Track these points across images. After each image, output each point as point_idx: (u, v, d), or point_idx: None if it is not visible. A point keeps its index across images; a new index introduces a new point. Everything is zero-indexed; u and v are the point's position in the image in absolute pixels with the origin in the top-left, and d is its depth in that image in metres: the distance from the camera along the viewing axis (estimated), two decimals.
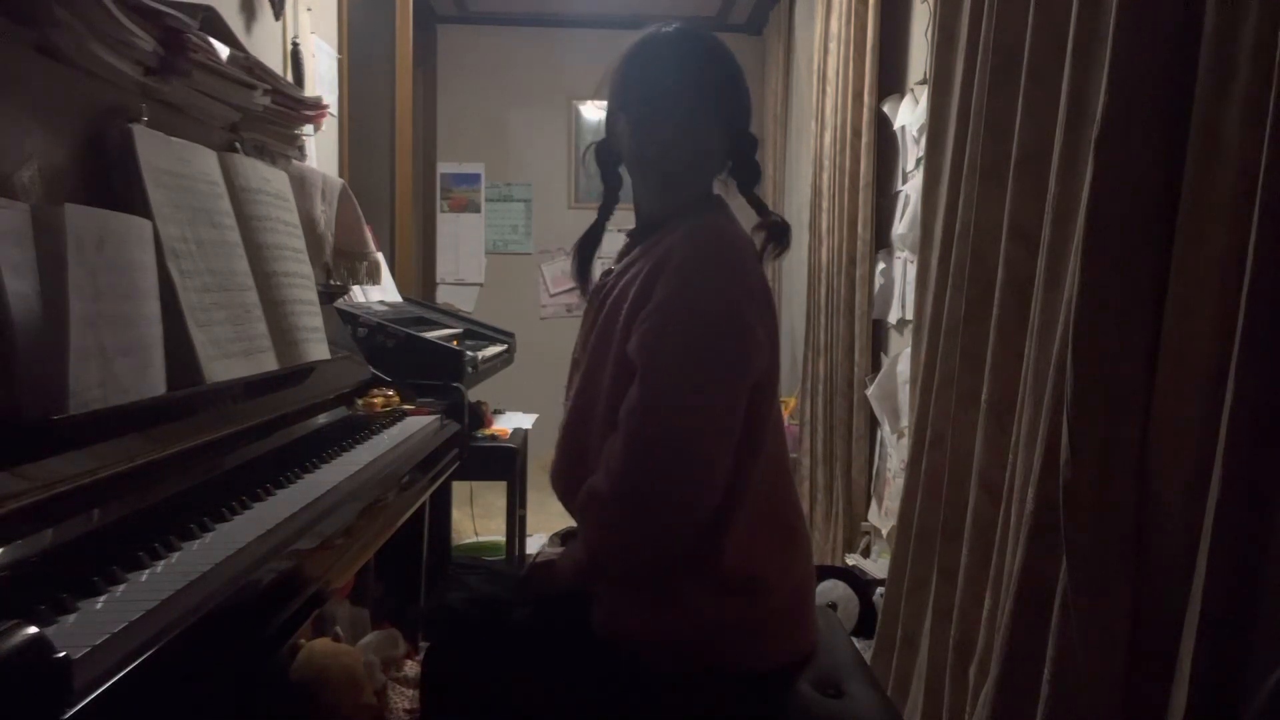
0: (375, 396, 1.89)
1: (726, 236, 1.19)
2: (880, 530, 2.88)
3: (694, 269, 1.13)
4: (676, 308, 1.12)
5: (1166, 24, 1.14)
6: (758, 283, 1.18)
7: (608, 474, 1.12)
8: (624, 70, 1.26)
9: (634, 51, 1.26)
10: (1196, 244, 1.09)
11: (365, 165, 3.29)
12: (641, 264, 1.19)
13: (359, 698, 1.81)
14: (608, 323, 1.20)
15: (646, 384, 1.11)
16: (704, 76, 1.22)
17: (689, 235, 1.16)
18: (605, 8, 4.84)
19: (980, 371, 1.66)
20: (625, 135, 1.25)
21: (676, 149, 1.21)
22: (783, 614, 1.19)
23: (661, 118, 1.20)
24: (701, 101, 1.20)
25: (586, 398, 1.22)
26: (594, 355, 1.22)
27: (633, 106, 1.24)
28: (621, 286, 1.21)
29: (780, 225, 1.28)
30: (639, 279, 1.17)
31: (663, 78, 1.22)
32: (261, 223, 1.55)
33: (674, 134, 1.20)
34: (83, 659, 0.70)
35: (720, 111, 1.22)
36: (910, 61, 2.84)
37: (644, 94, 1.22)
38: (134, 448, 1.07)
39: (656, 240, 1.21)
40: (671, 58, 1.23)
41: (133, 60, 1.33)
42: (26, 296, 0.95)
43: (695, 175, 1.25)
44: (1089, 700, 1.18)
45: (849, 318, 3.15)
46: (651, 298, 1.13)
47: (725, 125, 1.23)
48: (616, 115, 1.27)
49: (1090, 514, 1.18)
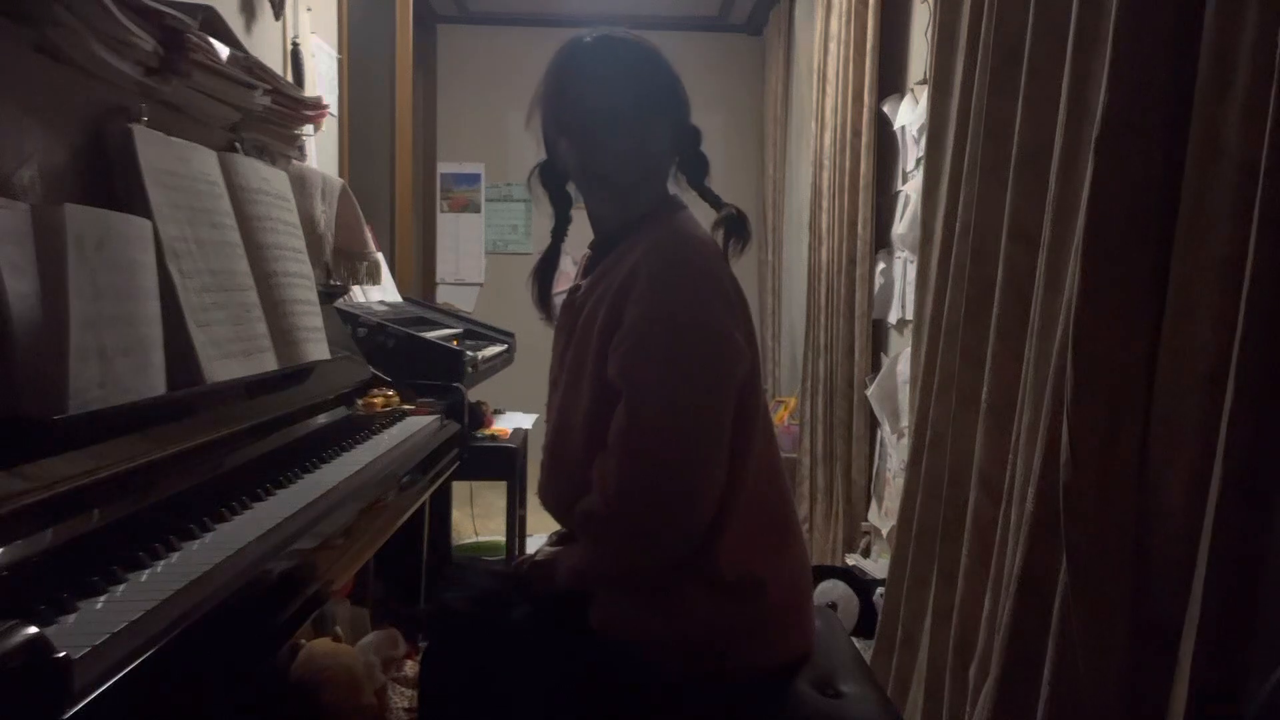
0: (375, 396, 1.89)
1: (691, 243, 1.18)
2: (880, 530, 2.88)
3: (663, 284, 1.12)
4: (651, 325, 1.11)
5: (1166, 24, 1.13)
6: (728, 284, 1.17)
7: (603, 496, 1.12)
8: (555, 89, 1.23)
9: (563, 69, 1.23)
10: (1196, 244, 1.09)
11: (365, 165, 3.29)
12: (609, 280, 1.18)
13: (359, 698, 1.81)
14: (581, 343, 1.19)
15: (632, 405, 1.10)
16: (641, 82, 1.19)
17: (653, 249, 1.15)
18: (605, 8, 4.84)
19: (980, 371, 1.65)
20: (570, 155, 1.22)
21: (628, 159, 1.19)
22: (779, 612, 1.19)
23: (607, 130, 1.18)
24: (644, 108, 1.18)
25: (566, 417, 1.22)
26: (570, 374, 1.21)
27: (573, 125, 1.21)
28: (591, 304, 1.19)
29: (736, 217, 1.25)
30: (608, 296, 1.16)
31: (601, 93, 1.19)
32: (261, 223, 1.55)
33: (623, 146, 1.18)
34: (83, 659, 0.70)
35: (662, 112, 1.20)
36: (910, 61, 2.84)
37: (583, 109, 1.20)
38: (134, 448, 1.07)
39: (620, 253, 1.20)
40: (601, 67, 1.21)
41: (133, 60, 1.33)
42: (26, 296, 0.95)
43: (649, 180, 1.23)
44: (1089, 700, 1.18)
45: (849, 318, 3.15)
46: (623, 318, 1.12)
47: (667, 122, 1.21)
48: (555, 138, 1.25)
49: (1090, 514, 1.18)
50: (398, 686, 2.03)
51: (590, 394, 1.16)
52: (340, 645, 1.91)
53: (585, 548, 1.19)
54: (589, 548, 1.18)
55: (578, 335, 1.21)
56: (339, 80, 2.96)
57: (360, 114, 3.17)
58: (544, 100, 1.25)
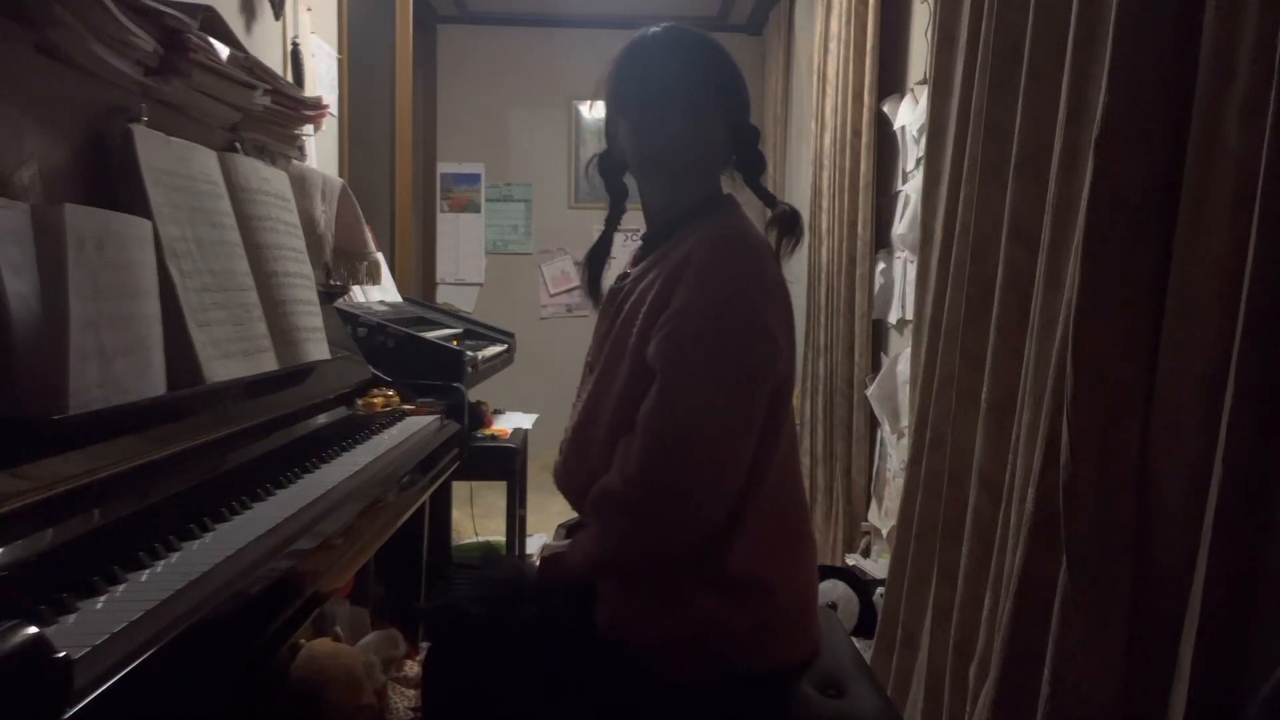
0: (375, 396, 1.89)
1: (743, 237, 1.18)
2: (880, 530, 2.88)
3: (713, 273, 1.13)
4: (696, 312, 1.11)
5: (1166, 24, 1.13)
6: (776, 285, 1.17)
7: (624, 476, 1.12)
8: (619, 75, 1.25)
9: (627, 55, 1.25)
10: (1196, 244, 1.09)
11: (365, 165, 3.29)
12: (660, 268, 1.19)
13: (359, 698, 1.81)
14: (624, 327, 1.20)
15: (666, 388, 1.11)
16: (701, 70, 1.21)
17: (707, 239, 1.16)
18: (605, 8, 4.84)
19: (980, 371, 1.65)
20: (628, 140, 1.24)
21: (682, 145, 1.21)
22: (787, 617, 1.19)
23: (664, 115, 1.20)
24: (701, 95, 1.20)
25: (597, 399, 1.22)
26: (608, 358, 1.22)
27: (632, 109, 1.23)
28: (639, 291, 1.20)
29: (789, 215, 1.27)
30: (657, 283, 1.16)
31: (660, 76, 1.21)
32: (261, 223, 1.55)
33: (677, 130, 1.20)
34: (83, 659, 0.70)
35: (720, 104, 1.22)
36: (910, 61, 2.84)
37: (643, 95, 1.22)
38: (134, 448, 1.07)
39: (673, 244, 1.21)
40: (666, 56, 1.23)
41: (133, 60, 1.33)
42: (26, 296, 0.95)
43: (703, 171, 1.25)
44: (1089, 700, 1.18)
45: (849, 318, 3.15)
46: (670, 302, 1.13)
47: (726, 118, 1.23)
48: (616, 121, 1.26)
49: (1090, 514, 1.18)
50: (398, 686, 2.02)
51: (627, 374, 1.17)
52: (340, 645, 1.91)
53: (597, 531, 1.18)
54: (601, 530, 1.18)
55: (622, 320, 1.21)
56: (339, 80, 2.96)
57: (360, 114, 3.17)
58: (609, 84, 1.27)
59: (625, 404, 1.15)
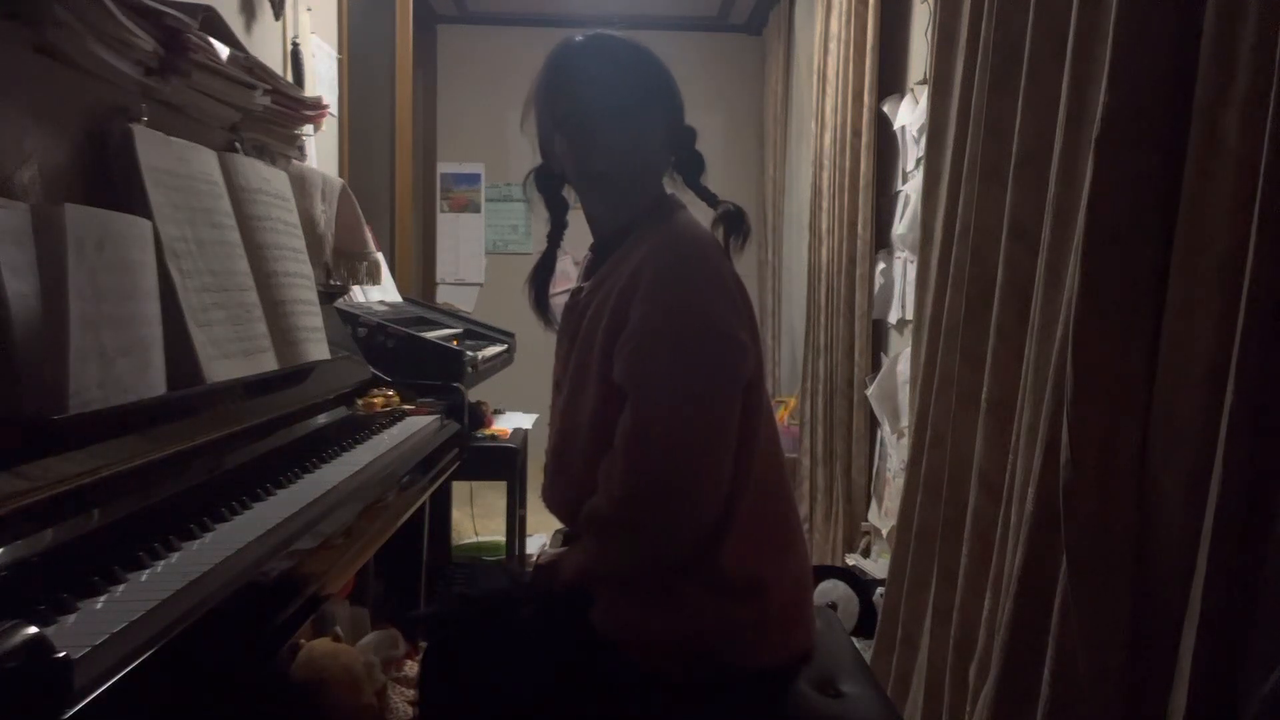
0: (375, 396, 1.89)
1: (693, 242, 1.18)
2: (880, 530, 2.88)
3: (668, 283, 1.12)
4: (657, 326, 1.11)
5: (1166, 24, 1.13)
6: (732, 283, 1.16)
7: (609, 498, 1.12)
8: (549, 87, 1.23)
9: (555, 67, 1.24)
10: (1196, 244, 1.09)
11: (365, 165, 3.29)
12: (612, 281, 1.18)
13: (359, 698, 1.81)
14: (585, 345, 1.19)
15: (639, 407, 1.10)
16: (632, 76, 1.20)
17: (657, 249, 1.15)
18: (605, 8, 4.84)
19: (980, 371, 1.65)
20: (566, 153, 1.23)
21: (620, 154, 1.20)
22: (781, 612, 1.19)
23: (602, 125, 1.18)
24: (635, 101, 1.19)
25: (570, 421, 1.22)
26: (575, 376, 1.21)
27: (568, 122, 1.21)
28: (595, 305, 1.19)
29: (734, 214, 1.25)
30: (613, 296, 1.16)
31: (592, 86, 1.20)
32: (261, 223, 1.55)
33: (615, 139, 1.19)
34: (83, 659, 0.70)
35: (655, 107, 1.21)
36: (910, 61, 2.84)
37: (577, 106, 1.20)
38: (134, 448, 1.07)
39: (623, 254, 1.20)
40: (595, 65, 1.22)
41: (133, 60, 1.33)
42: (26, 296, 0.95)
43: (645, 178, 1.24)
44: (1089, 700, 1.18)
45: (849, 318, 3.15)
46: (628, 318, 1.12)
47: (662, 120, 1.22)
48: (550, 136, 1.25)
49: (1090, 514, 1.18)
50: (398, 686, 2.02)
51: (595, 395, 1.16)
52: (340, 645, 1.91)
53: (591, 547, 1.19)
54: (595, 547, 1.18)
55: (581, 337, 1.21)
56: (339, 80, 2.96)
57: (360, 114, 3.17)
58: (538, 99, 1.26)
59: (599, 423, 1.15)
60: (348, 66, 3.02)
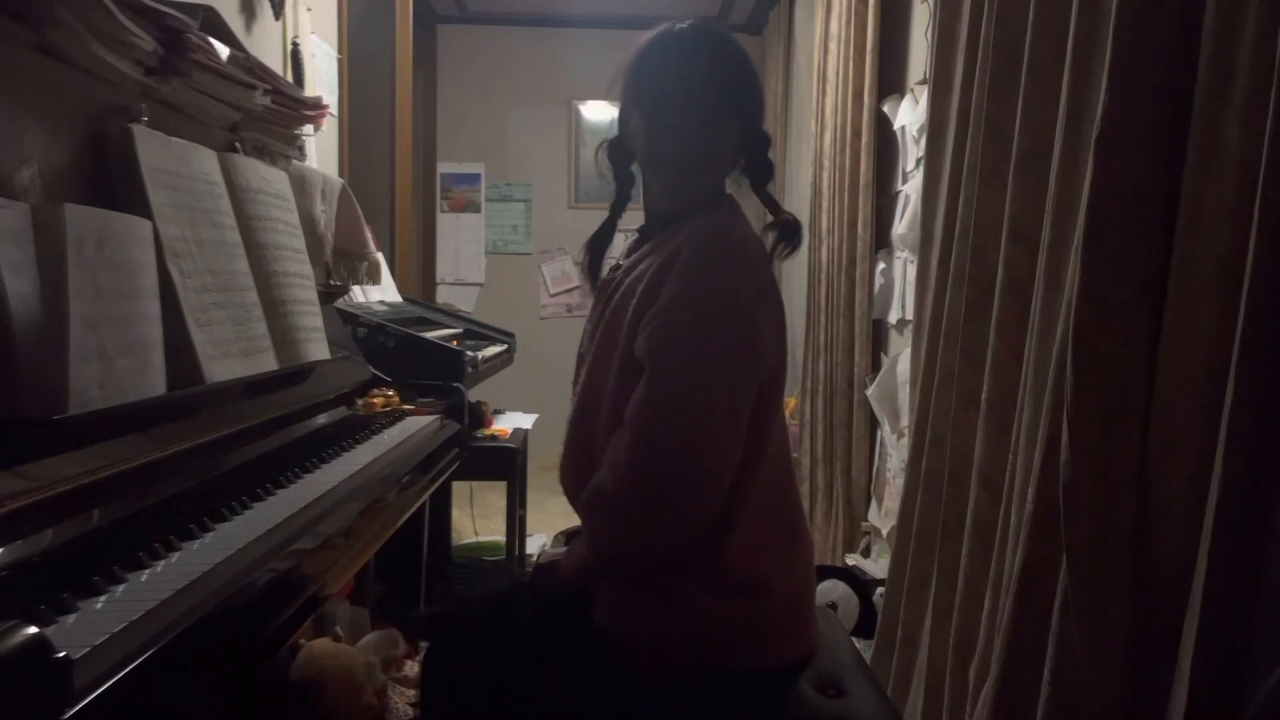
0: (375, 396, 1.89)
1: (735, 235, 1.18)
2: (880, 530, 2.88)
3: (702, 268, 1.13)
4: (684, 307, 1.11)
5: (1166, 24, 1.13)
6: (766, 282, 1.17)
7: (614, 473, 1.12)
8: (638, 67, 1.25)
9: (647, 48, 1.25)
10: (1196, 244, 1.09)
11: (365, 165, 3.29)
12: (650, 260, 1.19)
13: (359, 698, 1.81)
14: (614, 318, 1.20)
15: (653, 383, 1.11)
16: (717, 73, 1.21)
17: (698, 234, 1.16)
18: (605, 8, 4.84)
19: (980, 371, 1.65)
20: (639, 132, 1.24)
21: (690, 146, 1.21)
22: (783, 614, 1.19)
23: (675, 114, 1.20)
24: (715, 98, 1.20)
25: (591, 393, 1.22)
26: (599, 350, 1.22)
27: (646, 103, 1.23)
28: (629, 283, 1.20)
29: (791, 224, 1.27)
30: (647, 275, 1.16)
31: (676, 75, 1.21)
32: (261, 223, 1.55)
33: (688, 130, 1.20)
34: (83, 659, 0.70)
35: (733, 109, 1.22)
36: (910, 61, 2.84)
37: (658, 91, 1.22)
38: (134, 448, 1.07)
39: (666, 237, 1.21)
40: (685, 55, 1.23)
41: (133, 60, 1.33)
42: (26, 296, 0.95)
43: (708, 172, 1.25)
44: (1089, 700, 1.18)
45: (849, 318, 3.15)
46: (659, 296, 1.13)
47: (738, 123, 1.23)
48: (630, 112, 1.26)
49: (1090, 514, 1.18)
50: (398, 686, 2.03)
51: (618, 369, 1.17)
52: (340, 645, 1.91)
53: (590, 534, 1.18)
54: (593, 532, 1.17)
55: (611, 312, 1.21)
56: (339, 80, 2.96)
57: (360, 114, 3.17)
58: (626, 73, 1.26)
59: (619, 398, 1.15)
60: (348, 66, 3.02)
